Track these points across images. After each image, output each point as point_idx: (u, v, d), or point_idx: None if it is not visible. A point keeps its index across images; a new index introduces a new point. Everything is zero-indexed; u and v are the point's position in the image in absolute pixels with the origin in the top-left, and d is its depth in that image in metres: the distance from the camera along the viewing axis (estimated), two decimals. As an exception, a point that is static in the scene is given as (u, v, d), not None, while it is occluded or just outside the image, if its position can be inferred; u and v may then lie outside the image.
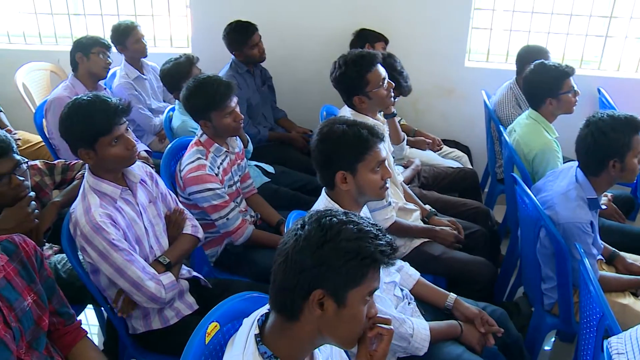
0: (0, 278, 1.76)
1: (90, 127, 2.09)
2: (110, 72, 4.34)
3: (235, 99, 2.75)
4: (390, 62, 3.29)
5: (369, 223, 1.38)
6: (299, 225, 1.37)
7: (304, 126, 4.31)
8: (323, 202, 2.15)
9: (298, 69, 4.58)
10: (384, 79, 2.86)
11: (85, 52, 3.63)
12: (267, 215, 3.05)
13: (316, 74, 4.46)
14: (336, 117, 2.23)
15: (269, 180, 3.46)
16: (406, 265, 2.43)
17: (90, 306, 2.86)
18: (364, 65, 2.80)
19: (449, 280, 2.79)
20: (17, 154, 2.24)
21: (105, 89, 3.86)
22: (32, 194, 2.30)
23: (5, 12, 4.99)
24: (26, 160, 2.36)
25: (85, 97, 2.16)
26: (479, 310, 2.27)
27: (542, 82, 3.12)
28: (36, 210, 2.29)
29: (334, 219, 1.35)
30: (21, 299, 1.81)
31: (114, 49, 3.92)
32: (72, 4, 4.86)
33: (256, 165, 3.52)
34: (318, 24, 4.42)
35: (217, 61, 3.80)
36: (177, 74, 3.44)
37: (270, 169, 3.58)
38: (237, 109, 2.76)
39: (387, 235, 1.37)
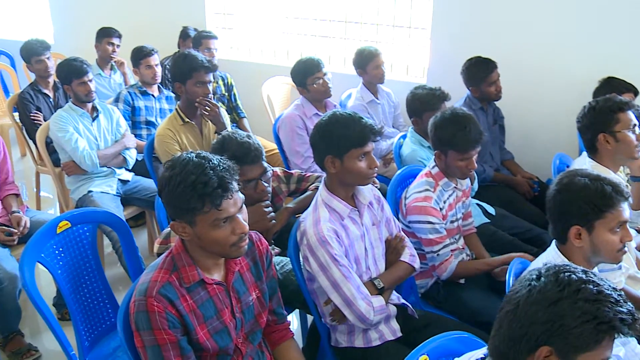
0: (235, 271, 1.92)
1: (348, 136, 2.21)
2: (347, 92, 4.58)
3: (478, 149, 2.70)
4: None
5: (610, 286, 1.30)
6: (535, 276, 1.33)
7: (530, 172, 4.13)
8: (552, 254, 2.06)
9: (532, 112, 4.44)
10: (635, 125, 2.74)
11: (303, 86, 3.78)
12: (480, 257, 2.96)
13: (550, 120, 4.31)
14: (579, 170, 2.13)
15: (489, 221, 3.37)
16: (633, 341, 2.21)
17: (295, 311, 2.98)
18: (617, 103, 2.75)
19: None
20: (266, 161, 2.45)
21: (335, 106, 3.99)
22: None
23: (260, 31, 5.53)
24: (272, 168, 2.56)
25: (345, 112, 2.29)
26: None
27: None
28: (272, 213, 2.47)
29: (573, 275, 1.30)
30: (248, 294, 1.96)
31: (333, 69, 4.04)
32: (320, 27, 5.23)
33: (477, 204, 3.46)
34: (561, 67, 4.25)
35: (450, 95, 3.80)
36: (426, 103, 3.40)
37: (491, 210, 3.49)
38: (475, 158, 2.72)
39: (629, 303, 1.28)
